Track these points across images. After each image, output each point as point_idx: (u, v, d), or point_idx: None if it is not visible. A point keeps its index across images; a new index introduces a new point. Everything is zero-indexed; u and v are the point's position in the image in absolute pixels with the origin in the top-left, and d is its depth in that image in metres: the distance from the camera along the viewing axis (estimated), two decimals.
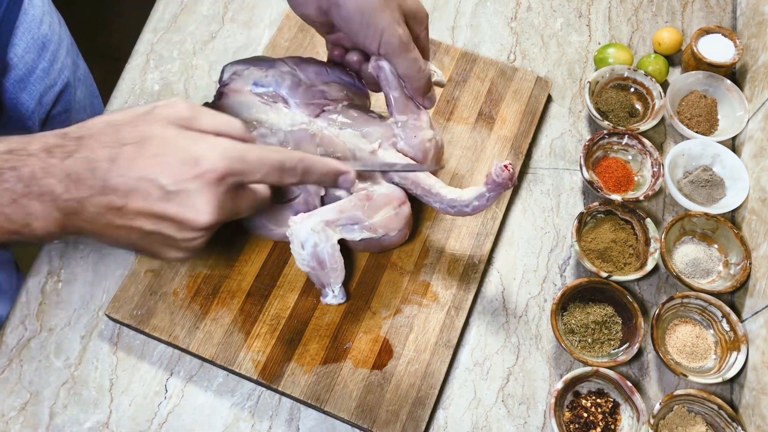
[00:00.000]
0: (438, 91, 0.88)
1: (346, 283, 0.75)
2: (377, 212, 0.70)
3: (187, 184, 0.48)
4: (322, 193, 0.72)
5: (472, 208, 0.69)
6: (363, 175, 0.71)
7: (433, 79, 0.72)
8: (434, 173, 0.75)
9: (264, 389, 0.73)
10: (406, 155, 0.73)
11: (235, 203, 0.51)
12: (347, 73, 0.75)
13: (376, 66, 0.69)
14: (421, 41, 0.70)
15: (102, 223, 0.49)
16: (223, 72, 0.76)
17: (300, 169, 0.54)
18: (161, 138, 0.49)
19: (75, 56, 0.96)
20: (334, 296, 0.73)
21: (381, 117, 0.75)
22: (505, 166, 0.64)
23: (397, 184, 0.72)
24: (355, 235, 0.71)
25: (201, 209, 0.49)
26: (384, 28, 0.66)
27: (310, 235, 0.68)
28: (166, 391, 0.73)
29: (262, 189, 0.55)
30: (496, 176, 0.65)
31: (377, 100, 0.83)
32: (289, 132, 0.70)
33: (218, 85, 0.76)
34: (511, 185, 0.65)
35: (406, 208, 0.73)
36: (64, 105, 0.93)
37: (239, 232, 0.77)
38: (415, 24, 0.68)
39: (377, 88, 0.74)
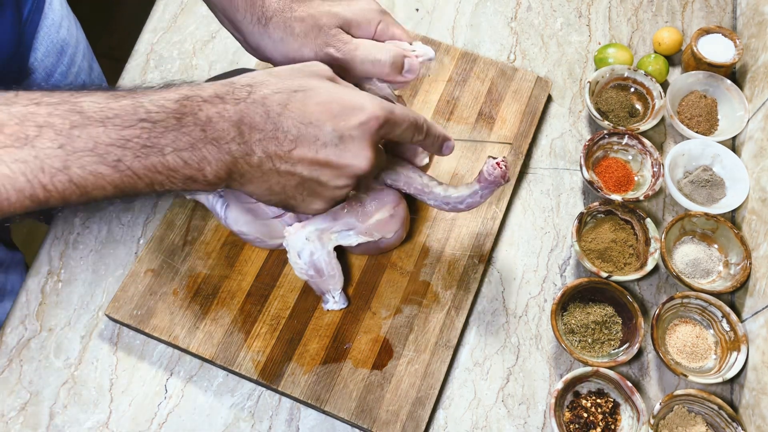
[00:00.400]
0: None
1: (346, 285, 0.75)
2: (372, 216, 0.70)
3: (352, 131, 0.52)
4: None
5: (466, 204, 0.69)
6: None
7: (423, 59, 0.68)
8: (424, 169, 0.74)
9: (264, 389, 0.73)
10: (395, 155, 0.71)
11: (379, 157, 0.55)
12: None
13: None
14: (379, 34, 0.67)
15: (266, 168, 0.52)
16: None
17: (425, 128, 0.59)
18: (322, 88, 0.53)
19: (90, 59, 0.97)
20: (335, 302, 0.73)
21: None
22: (497, 164, 0.64)
23: (389, 186, 0.72)
24: (351, 241, 0.71)
25: (361, 155, 0.53)
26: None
27: (306, 244, 0.69)
28: (166, 391, 0.73)
29: (384, 154, 0.61)
30: (488, 174, 0.65)
31: None
32: None
33: None
34: (503, 182, 0.65)
35: (401, 209, 0.73)
36: None
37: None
38: (358, 30, 0.66)
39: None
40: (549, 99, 0.91)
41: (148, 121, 0.47)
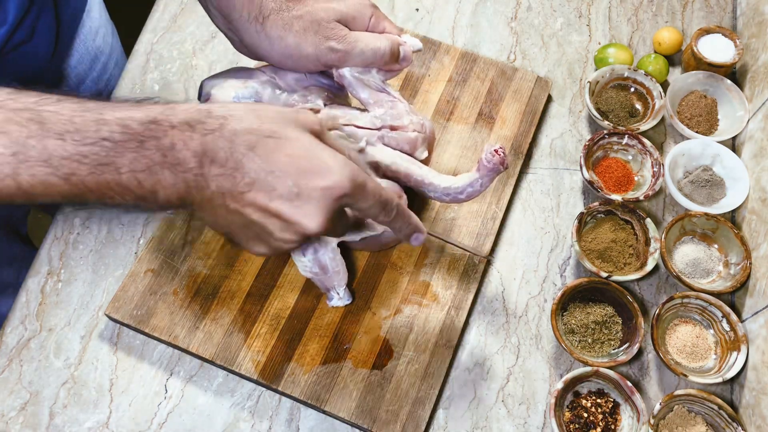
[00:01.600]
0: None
1: (348, 283, 0.75)
2: None
3: (313, 191, 0.50)
4: None
5: (467, 194, 0.69)
6: None
7: (413, 50, 0.72)
8: (425, 162, 0.74)
9: (264, 389, 0.73)
10: (394, 149, 0.72)
11: (336, 223, 0.54)
12: (325, 76, 0.75)
13: (338, 76, 0.72)
14: (373, 27, 0.70)
15: (216, 203, 0.51)
16: (201, 87, 0.74)
17: (395, 212, 0.57)
18: (299, 141, 0.51)
19: (123, 66, 0.97)
20: (339, 298, 0.73)
21: (365, 111, 0.74)
22: (495, 151, 0.64)
23: (389, 179, 0.72)
24: (354, 236, 0.71)
25: (313, 218, 0.51)
26: (316, 61, 0.68)
27: (309, 242, 0.68)
28: (166, 391, 0.73)
29: (352, 218, 0.59)
30: (486, 161, 0.65)
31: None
32: None
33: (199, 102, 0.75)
34: (502, 169, 0.65)
35: (403, 202, 0.73)
36: None
37: None
38: (354, 24, 0.69)
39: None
40: (549, 99, 0.91)
41: (109, 141, 0.47)
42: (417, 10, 0.98)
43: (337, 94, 0.76)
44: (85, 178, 0.46)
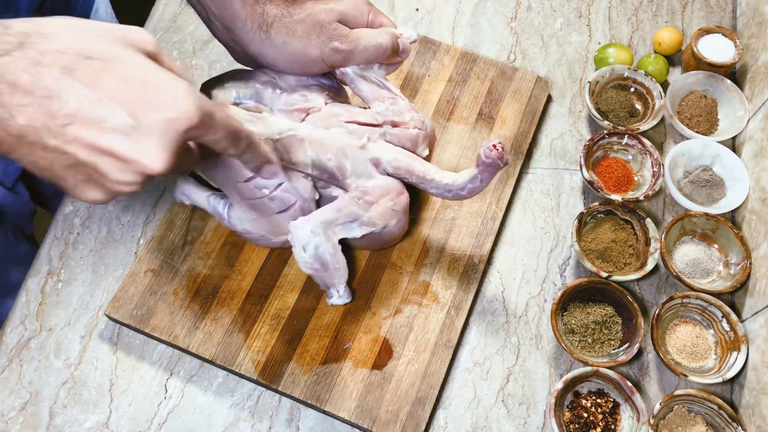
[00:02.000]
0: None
1: (348, 283, 0.75)
2: (374, 205, 0.71)
3: (153, 123, 0.43)
4: (317, 197, 0.72)
5: (468, 190, 0.69)
6: (356, 171, 0.71)
7: (410, 42, 0.74)
8: (426, 160, 0.74)
9: (264, 389, 0.73)
10: (396, 146, 0.73)
11: (182, 160, 0.48)
12: (326, 76, 0.75)
13: (341, 73, 0.73)
14: (371, 24, 0.72)
15: (29, 140, 0.42)
16: (202, 90, 0.75)
17: (245, 144, 0.53)
18: (132, 63, 0.43)
19: None
20: (339, 296, 0.73)
21: (367, 109, 0.75)
22: (494, 146, 0.64)
23: (391, 175, 0.72)
24: (355, 232, 0.71)
25: (156, 155, 0.44)
26: (321, 63, 0.68)
27: (311, 237, 0.68)
28: (166, 391, 0.73)
29: (196, 153, 0.52)
30: (484, 157, 0.65)
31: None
32: (278, 140, 0.70)
33: None
34: (501, 164, 0.65)
35: (404, 198, 0.73)
36: None
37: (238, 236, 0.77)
38: (354, 22, 0.70)
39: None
40: (549, 99, 0.91)
41: None
42: (417, 10, 0.98)
43: (338, 94, 0.76)
44: None
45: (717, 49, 0.90)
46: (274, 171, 0.60)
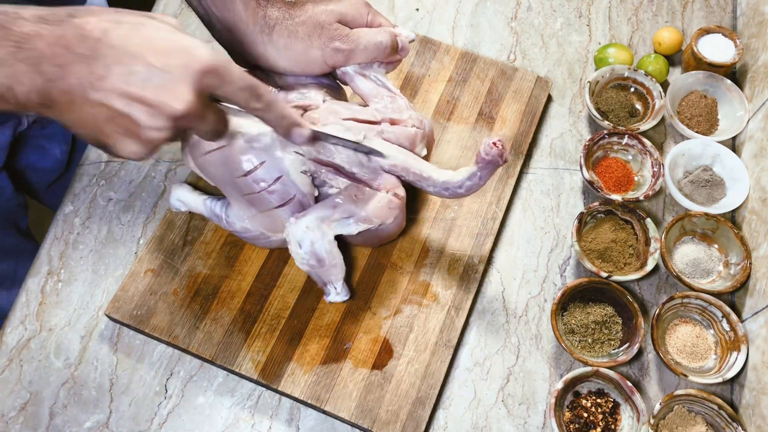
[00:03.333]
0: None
1: (347, 282, 0.75)
2: (371, 201, 0.70)
3: (173, 69, 0.49)
4: (316, 193, 0.72)
5: (466, 188, 0.69)
6: (353, 168, 0.70)
7: (408, 41, 0.75)
8: (425, 159, 0.74)
9: (264, 389, 0.73)
10: (393, 144, 0.72)
11: (205, 110, 0.53)
12: (325, 75, 0.75)
13: (342, 74, 0.74)
14: (370, 24, 0.72)
15: (77, 95, 0.48)
16: None
17: (266, 100, 0.57)
18: (155, 27, 0.51)
19: None
20: (337, 293, 0.73)
21: (366, 107, 0.74)
22: (494, 143, 0.64)
23: (388, 172, 0.72)
24: (351, 229, 0.71)
25: (179, 95, 0.50)
26: (323, 63, 0.70)
27: (306, 233, 0.68)
28: (166, 391, 0.73)
29: (224, 116, 0.57)
30: (485, 154, 0.64)
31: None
32: (277, 137, 0.70)
33: None
34: (501, 162, 0.65)
35: (400, 193, 0.72)
36: None
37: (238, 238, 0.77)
38: (354, 23, 0.71)
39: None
40: (549, 99, 0.91)
41: None
42: (417, 10, 0.98)
43: (336, 92, 0.76)
44: None
45: (717, 49, 0.90)
46: (303, 134, 0.62)
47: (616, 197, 0.80)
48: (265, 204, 0.70)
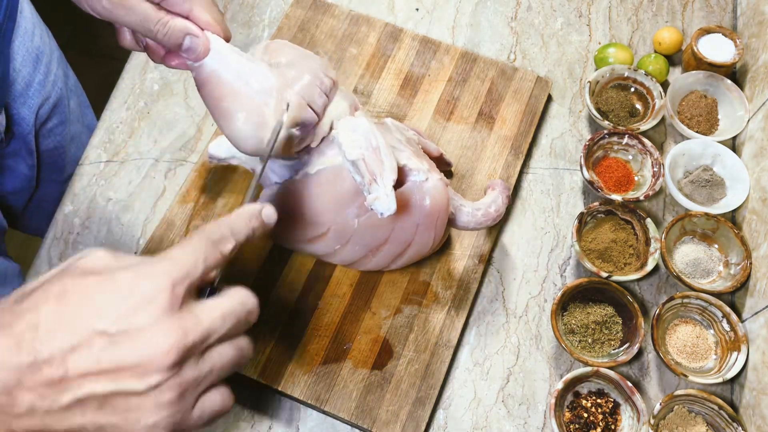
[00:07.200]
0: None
1: (346, 281, 0.74)
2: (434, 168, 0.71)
3: (132, 316, 0.38)
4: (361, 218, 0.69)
5: (495, 209, 0.72)
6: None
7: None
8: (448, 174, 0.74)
9: (264, 389, 0.73)
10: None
11: (192, 315, 0.41)
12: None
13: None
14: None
15: (44, 411, 0.37)
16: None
17: (228, 232, 0.49)
18: (83, 284, 0.39)
19: (65, 67, 0.96)
20: (386, 195, 0.59)
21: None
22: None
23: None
24: (403, 157, 0.66)
25: (159, 340, 0.38)
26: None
27: (363, 119, 0.64)
28: None
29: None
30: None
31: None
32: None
33: None
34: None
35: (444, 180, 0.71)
36: (59, 117, 0.93)
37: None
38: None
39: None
40: (549, 99, 0.91)
41: None
42: (417, 9, 0.98)
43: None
44: None
45: (717, 48, 0.90)
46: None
47: (616, 197, 0.80)
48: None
